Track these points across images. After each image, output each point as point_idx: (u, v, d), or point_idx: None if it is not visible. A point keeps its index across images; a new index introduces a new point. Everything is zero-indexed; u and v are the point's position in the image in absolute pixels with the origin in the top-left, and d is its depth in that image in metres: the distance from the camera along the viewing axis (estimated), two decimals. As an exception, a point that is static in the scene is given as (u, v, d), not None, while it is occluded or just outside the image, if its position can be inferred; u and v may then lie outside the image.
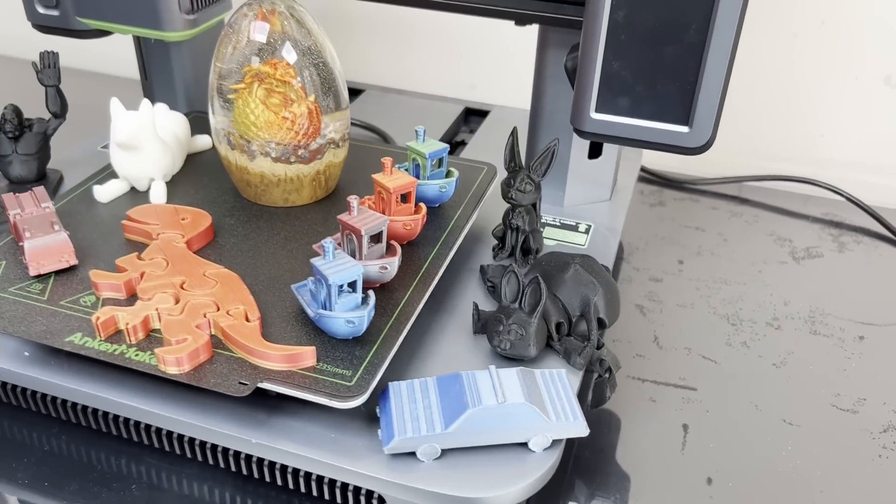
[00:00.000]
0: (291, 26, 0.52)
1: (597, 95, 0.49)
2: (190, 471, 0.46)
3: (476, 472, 0.41)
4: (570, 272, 0.50)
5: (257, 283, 0.48)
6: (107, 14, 0.56)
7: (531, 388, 0.42)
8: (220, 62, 0.53)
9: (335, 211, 0.55)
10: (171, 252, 0.48)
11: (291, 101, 0.52)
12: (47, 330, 0.44)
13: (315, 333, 0.44)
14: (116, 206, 0.55)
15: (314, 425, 0.43)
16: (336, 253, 0.43)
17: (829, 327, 0.62)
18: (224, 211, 0.55)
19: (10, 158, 0.61)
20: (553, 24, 0.54)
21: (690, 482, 0.49)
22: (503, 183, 0.55)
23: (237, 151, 0.53)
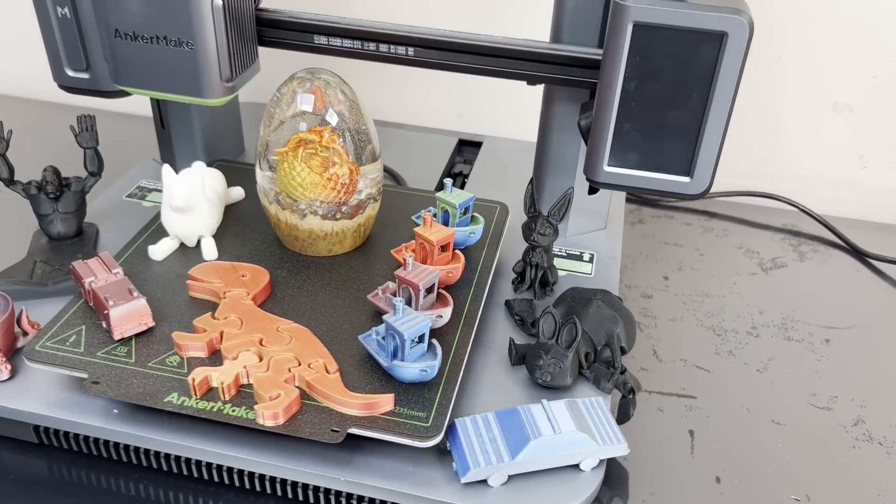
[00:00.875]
0: (333, 94, 0.57)
1: (609, 151, 0.56)
2: (273, 506, 0.52)
3: (538, 493, 0.48)
4: (592, 307, 0.57)
5: (321, 333, 0.53)
6: (147, 83, 0.60)
7: (578, 416, 0.49)
8: (267, 128, 0.58)
9: (373, 257, 0.61)
10: (242, 310, 0.53)
11: (334, 163, 0.57)
12: (145, 392, 0.48)
13: (385, 379, 0.50)
14: (170, 263, 0.60)
15: (392, 461, 0.49)
16: (404, 309, 0.49)
17: (799, 332, 0.71)
18: (273, 263, 0.60)
19: (52, 217, 0.64)
20: (562, 84, 0.61)
21: (702, 482, 0.57)
22: (524, 226, 0.61)
23: (287, 211, 0.58)
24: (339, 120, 0.57)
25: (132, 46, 0.58)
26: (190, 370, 0.50)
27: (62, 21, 0.62)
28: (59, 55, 0.64)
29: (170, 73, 0.59)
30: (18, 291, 0.59)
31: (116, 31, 0.58)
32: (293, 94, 0.57)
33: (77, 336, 0.52)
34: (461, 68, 0.62)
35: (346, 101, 0.58)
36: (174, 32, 0.57)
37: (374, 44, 0.62)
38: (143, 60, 0.59)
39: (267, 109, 0.59)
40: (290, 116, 0.58)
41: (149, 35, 0.58)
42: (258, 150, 0.60)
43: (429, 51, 0.61)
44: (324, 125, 0.57)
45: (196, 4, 0.56)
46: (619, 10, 0.51)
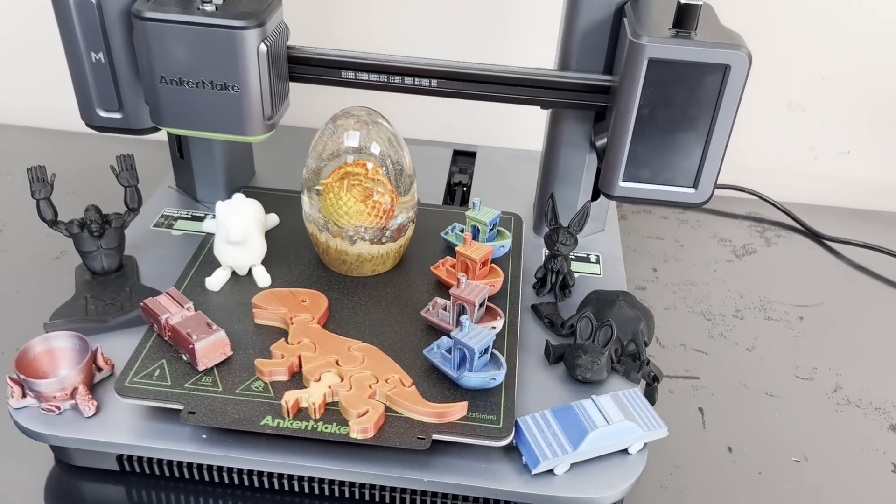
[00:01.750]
0: (375, 130, 0.62)
1: (624, 169, 0.63)
2: (355, 508, 0.58)
3: (596, 477, 0.55)
4: (616, 307, 0.64)
5: (385, 350, 0.59)
6: (191, 124, 0.64)
7: (623, 407, 0.57)
8: (314, 160, 0.63)
9: (412, 273, 0.67)
10: (312, 333, 0.58)
11: (376, 192, 0.62)
12: (241, 417, 0.53)
13: (451, 387, 0.56)
14: (227, 293, 0.64)
15: (465, 460, 0.55)
16: (469, 326, 0.55)
17: (777, 312, 0.81)
18: (323, 287, 0.65)
19: (96, 254, 0.67)
20: (574, 108, 0.67)
21: (717, 452, 0.65)
22: (547, 237, 0.68)
23: (338, 238, 0.63)
24: (381, 153, 0.62)
25: (177, 91, 0.62)
26: (276, 393, 0.55)
27: (96, 66, 0.65)
28: (90, 97, 0.66)
29: (215, 114, 0.63)
30: (81, 329, 0.62)
31: (162, 78, 0.61)
32: (339, 130, 0.62)
33: (160, 370, 0.56)
34: (481, 97, 0.67)
35: (386, 136, 0.63)
36: (221, 77, 0.61)
37: (399, 77, 0.67)
38: (188, 104, 0.62)
39: (314, 144, 0.63)
40: (335, 150, 0.62)
41: (195, 81, 0.61)
42: (305, 182, 0.64)
43: (451, 82, 0.67)
44: (367, 158, 0.62)
45: (243, 51, 0.59)
46: (636, 47, 0.58)
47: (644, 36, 0.58)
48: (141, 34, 0.60)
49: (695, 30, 0.58)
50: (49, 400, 0.56)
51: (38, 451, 0.60)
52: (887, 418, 0.69)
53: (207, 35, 0.59)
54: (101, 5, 0.61)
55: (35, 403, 0.56)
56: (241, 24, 0.59)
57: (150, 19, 0.59)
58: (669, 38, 0.58)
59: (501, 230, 0.69)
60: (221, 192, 0.79)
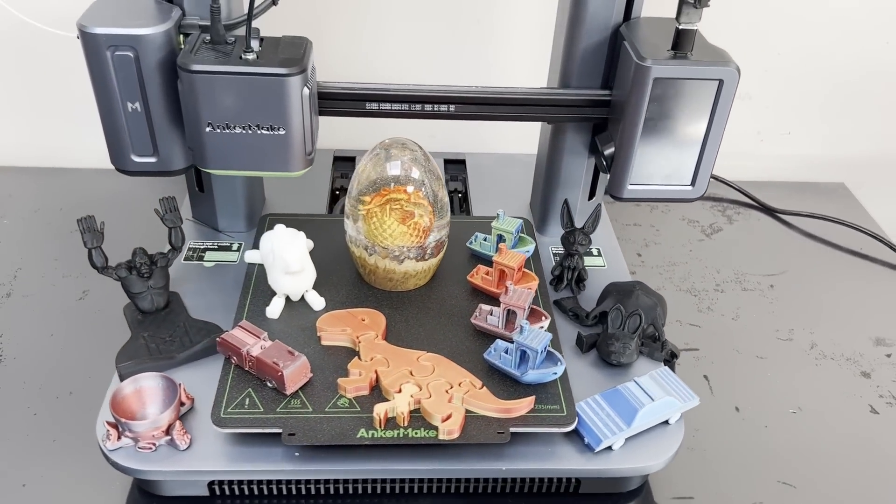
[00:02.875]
0: (413, 157, 0.68)
1: (632, 173, 0.71)
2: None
3: (647, 447, 0.63)
4: (634, 296, 0.72)
5: (446, 356, 0.65)
6: (236, 165, 0.68)
7: (661, 384, 0.65)
8: (357, 188, 0.68)
9: (448, 284, 0.73)
10: (381, 349, 0.64)
11: (416, 214, 0.68)
12: (338, 433, 0.58)
13: (511, 384, 0.63)
14: (286, 320, 0.69)
15: (532, 447, 0.62)
16: (528, 329, 0.62)
17: (750, 283, 0.91)
18: (373, 304, 0.70)
19: (145, 294, 0.71)
20: (577, 121, 0.75)
21: (727, 413, 0.75)
22: (564, 239, 0.75)
23: (387, 259, 0.69)
24: (419, 177, 0.68)
25: (224, 136, 0.66)
26: (361, 407, 0.60)
27: (132, 115, 0.68)
28: (124, 144, 0.69)
29: (260, 154, 0.67)
30: (150, 367, 0.65)
31: (209, 124, 0.65)
32: (381, 160, 0.67)
33: (249, 398, 0.61)
34: (495, 118, 0.74)
35: (423, 163, 0.69)
36: (267, 120, 0.65)
37: (419, 105, 0.73)
38: (234, 146, 0.66)
39: (357, 172, 0.69)
40: (378, 178, 0.68)
41: (242, 125, 0.65)
42: (349, 209, 0.69)
43: (467, 106, 0.73)
44: (408, 183, 0.68)
45: (289, 96, 0.64)
46: (642, 69, 0.66)
47: (648, 59, 0.65)
48: (188, 85, 0.64)
49: (691, 51, 0.66)
50: (147, 438, 0.59)
51: (110, 482, 0.64)
52: (858, 367, 0.81)
53: (255, 83, 0.63)
54: (139, 58, 0.65)
55: (130, 444, 0.60)
56: (286, 72, 0.63)
57: (197, 71, 0.63)
58: (670, 58, 0.66)
59: (522, 236, 0.77)
60: (241, 221, 0.83)
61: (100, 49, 0.64)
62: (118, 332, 0.76)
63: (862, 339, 0.84)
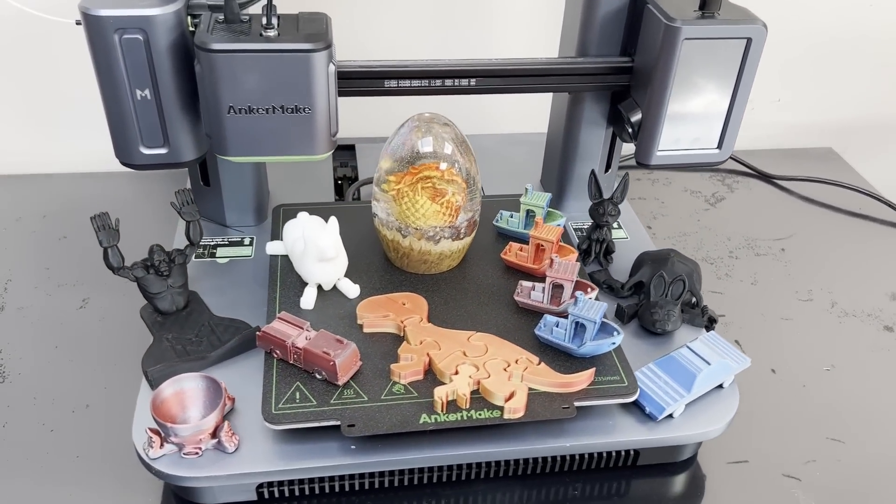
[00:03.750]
0: (444, 132, 0.66)
1: (661, 139, 0.70)
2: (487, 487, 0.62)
3: (707, 412, 0.62)
4: (670, 263, 0.71)
5: (497, 335, 0.63)
6: (258, 150, 0.64)
7: (713, 348, 0.64)
8: (386, 167, 0.65)
9: (482, 263, 0.71)
10: (429, 332, 0.61)
11: (447, 192, 0.66)
12: (399, 420, 0.56)
13: (564, 357, 0.61)
14: (321, 309, 0.65)
15: (592, 420, 0.61)
16: (583, 301, 0.60)
17: (762, 248, 0.92)
18: (407, 288, 0.67)
19: (164, 294, 0.66)
20: (599, 90, 0.74)
21: (764, 374, 0.75)
22: (593, 210, 0.74)
23: (423, 240, 0.66)
24: (452, 153, 0.66)
25: (246, 120, 0.62)
26: (418, 393, 0.58)
27: (141, 103, 0.64)
28: (132, 135, 0.65)
29: (284, 137, 0.63)
30: (182, 369, 0.61)
31: (230, 108, 0.61)
32: (412, 136, 0.65)
33: (299, 392, 0.57)
34: (515, 90, 0.72)
35: (455, 139, 0.66)
36: (292, 101, 0.62)
37: (439, 80, 0.70)
38: (256, 131, 0.63)
39: (384, 151, 0.66)
40: (408, 155, 0.65)
41: (265, 107, 0.62)
42: (377, 191, 0.66)
43: (488, 79, 0.71)
44: (440, 160, 0.65)
45: (315, 73, 0.61)
46: (672, 30, 0.65)
47: (678, 20, 0.64)
48: (208, 67, 0.60)
49: (718, 10, 0.66)
50: (193, 443, 0.55)
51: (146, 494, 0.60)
52: (880, 322, 0.81)
53: (279, 61, 0.60)
54: (149, 41, 0.61)
55: (174, 450, 0.56)
56: (312, 47, 0.60)
57: (219, 51, 0.59)
58: (699, 19, 0.65)
59: (551, 210, 0.75)
60: (250, 215, 0.79)
61: (106, 33, 0.59)
62: (127, 339, 0.72)
63: (878, 295, 0.85)
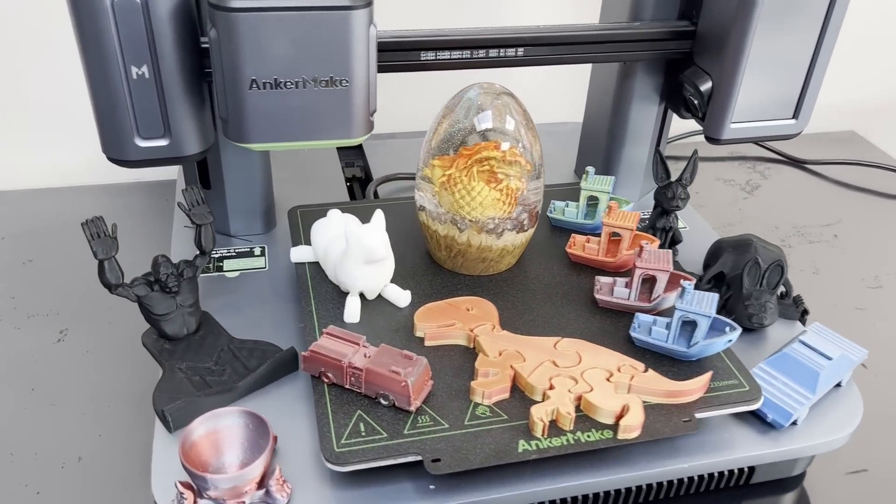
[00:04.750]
0: (505, 104, 0.56)
1: (735, 110, 0.62)
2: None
3: (831, 415, 0.53)
4: (753, 249, 0.63)
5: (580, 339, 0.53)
6: (285, 134, 0.53)
7: (828, 340, 0.55)
8: (434, 149, 0.55)
9: (543, 259, 0.61)
10: (508, 341, 0.51)
11: (507, 176, 0.56)
12: (493, 451, 0.45)
13: (672, 362, 0.52)
14: (368, 322, 0.54)
15: (705, 435, 0.51)
16: (691, 292, 0.51)
17: (813, 235, 0.84)
18: (465, 292, 0.57)
19: (173, 315, 0.55)
20: (658, 58, 0.65)
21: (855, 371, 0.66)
22: (660, 195, 0.65)
23: (483, 234, 0.56)
24: (515, 131, 0.56)
25: (271, 97, 0.51)
26: (507, 415, 0.47)
27: (137, 83, 0.52)
28: (125, 124, 0.53)
29: (316, 117, 0.53)
30: (209, 404, 0.50)
31: (253, 82, 0.50)
32: (468, 111, 0.55)
33: (364, 424, 0.46)
34: (566, 60, 0.63)
35: (518, 112, 0.56)
36: (327, 71, 0.51)
37: (482, 50, 0.60)
38: (283, 110, 0.52)
39: (433, 131, 0.55)
40: (460, 134, 0.55)
41: (295, 79, 0.51)
42: (420, 180, 0.56)
43: (537, 48, 0.61)
44: (501, 138, 0.55)
45: (354, 35, 0.50)
46: (756, -19, 0.56)
47: (762, -31, 0.56)
48: (226, 31, 0.49)
49: (801, -43, 0.58)
50: (236, 497, 0.44)
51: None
52: (957, 305, 0.74)
53: (313, 21, 0.49)
54: (147, 6, 0.49)
55: (210, 506, 0.44)
56: (351, 3, 0.50)
57: (240, 9, 0.48)
58: (783, -33, 0.57)
59: (614, 197, 0.65)
60: (258, 222, 0.68)
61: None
62: (121, 374, 0.61)
63: (948, 278, 0.78)
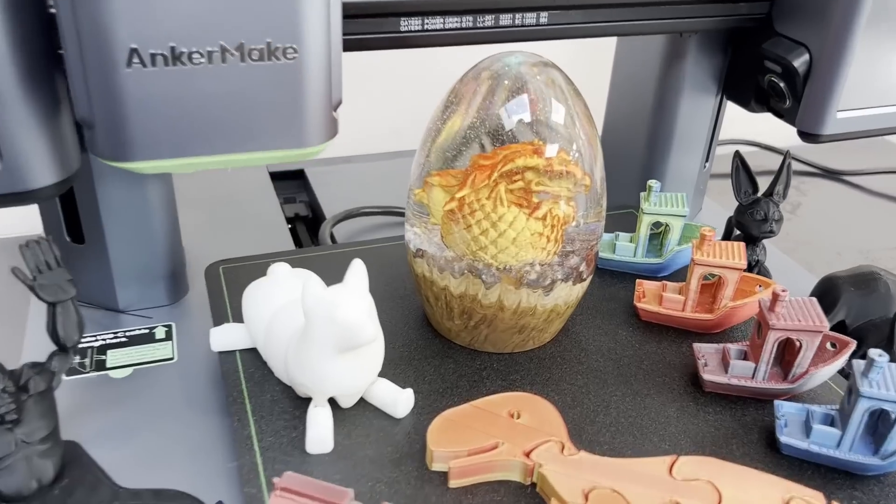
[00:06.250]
0: (549, 85, 0.36)
1: (843, 93, 0.44)
2: None
3: None
4: (881, 284, 0.44)
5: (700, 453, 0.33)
6: (189, 143, 0.32)
7: None
8: (434, 151, 0.35)
9: (586, 324, 0.41)
10: (590, 470, 0.30)
11: (552, 197, 0.36)
12: None
13: (850, 480, 0.32)
14: (344, 449, 0.33)
15: None
16: (883, 364, 0.31)
17: (882, 258, 0.67)
18: (488, 376, 0.36)
19: (11, 462, 0.32)
20: (728, 26, 0.47)
21: None
22: (743, 217, 0.46)
23: (524, 288, 0.35)
24: (568, 126, 0.36)
25: (165, 78, 0.30)
26: None
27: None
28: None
29: (246, 111, 0.32)
30: None
31: (134, 54, 0.29)
32: (491, 97, 0.35)
33: None
34: (604, 30, 0.44)
35: (571, 95, 0.36)
36: (262, 33, 0.30)
37: (491, 16, 0.41)
38: (188, 101, 0.31)
39: (435, 131, 0.35)
40: (471, 129, 0.35)
41: (206, 47, 0.30)
42: (421, 203, 0.35)
43: (569, 13, 0.42)
44: (545, 138, 0.35)
45: (307, -23, 0.30)
46: None
47: None
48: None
49: None
50: None
51: None
52: None
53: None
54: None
55: None
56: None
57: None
58: None
59: (690, 223, 0.46)
60: (160, 290, 0.45)
61: None
62: None
63: None
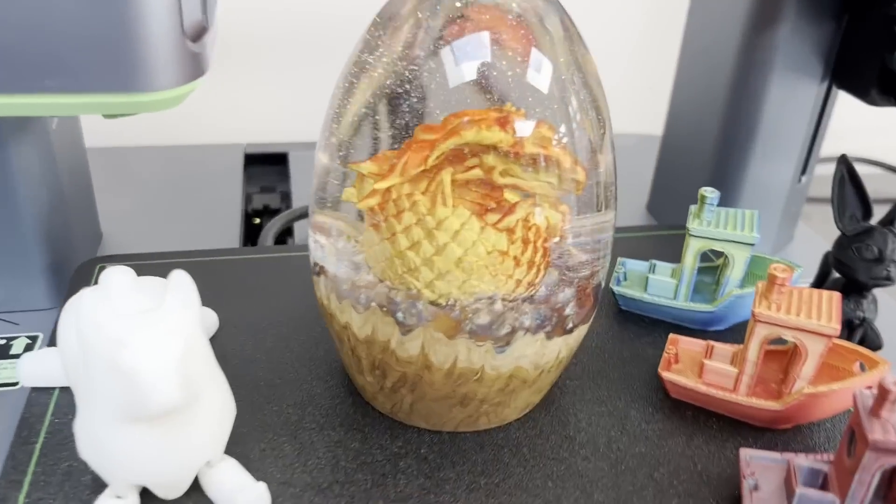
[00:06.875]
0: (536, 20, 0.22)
1: None
2: None
3: None
4: None
5: None
6: None
7: None
8: (344, 133, 0.22)
9: (581, 396, 0.27)
10: None
11: (524, 196, 0.22)
12: None
13: None
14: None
15: None
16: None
17: None
18: (410, 489, 0.23)
19: None
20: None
21: None
22: (847, 251, 0.31)
23: (463, 339, 0.22)
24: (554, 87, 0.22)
25: None
26: None
27: None
28: None
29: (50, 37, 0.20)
30: None
31: None
32: (418, 37, 0.22)
33: None
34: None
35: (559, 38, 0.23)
36: None
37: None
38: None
39: (340, 86, 0.22)
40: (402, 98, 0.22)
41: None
42: (316, 216, 0.23)
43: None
44: (513, 102, 0.22)
45: None
46: None
47: None
48: None
49: None
50: None
51: None
52: None
53: None
54: None
55: None
56: None
57: None
58: None
59: (759, 255, 0.32)
60: (37, 291, 0.34)
61: None
62: None
63: None
